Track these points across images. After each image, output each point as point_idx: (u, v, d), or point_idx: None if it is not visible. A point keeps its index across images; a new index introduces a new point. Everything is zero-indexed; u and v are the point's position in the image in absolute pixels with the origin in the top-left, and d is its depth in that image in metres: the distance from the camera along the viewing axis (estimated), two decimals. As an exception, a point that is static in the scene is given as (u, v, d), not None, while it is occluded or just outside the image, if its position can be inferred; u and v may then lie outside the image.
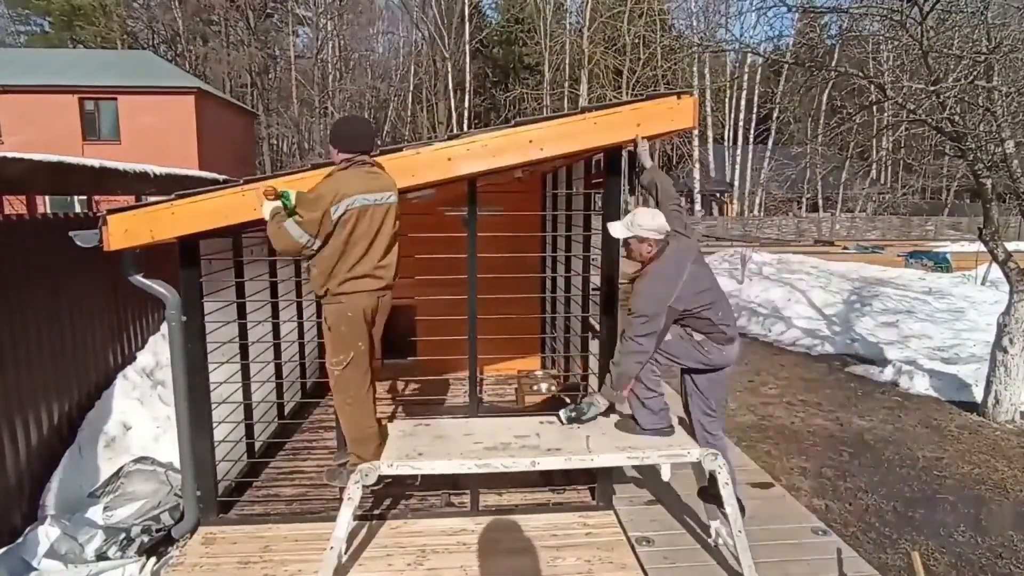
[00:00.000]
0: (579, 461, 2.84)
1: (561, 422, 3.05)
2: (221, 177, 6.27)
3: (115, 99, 20.55)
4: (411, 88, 36.41)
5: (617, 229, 2.82)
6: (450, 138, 2.98)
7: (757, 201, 30.70)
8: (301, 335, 5.04)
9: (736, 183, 30.91)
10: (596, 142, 3.03)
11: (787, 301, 9.89)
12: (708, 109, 30.65)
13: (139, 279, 2.92)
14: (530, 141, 2.96)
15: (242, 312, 3.68)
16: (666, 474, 3.11)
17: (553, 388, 4.87)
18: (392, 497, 3.60)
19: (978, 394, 5.87)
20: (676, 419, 3.09)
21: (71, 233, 2.81)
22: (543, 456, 2.80)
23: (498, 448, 2.86)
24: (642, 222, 2.73)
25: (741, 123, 31.39)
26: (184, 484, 3.16)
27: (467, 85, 32.54)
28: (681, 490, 3.61)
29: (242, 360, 3.70)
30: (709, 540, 3.13)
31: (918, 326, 8.12)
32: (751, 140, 31.66)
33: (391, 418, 4.07)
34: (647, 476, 3.86)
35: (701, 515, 3.23)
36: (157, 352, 4.67)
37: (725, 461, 2.78)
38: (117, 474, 3.50)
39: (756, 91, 31.51)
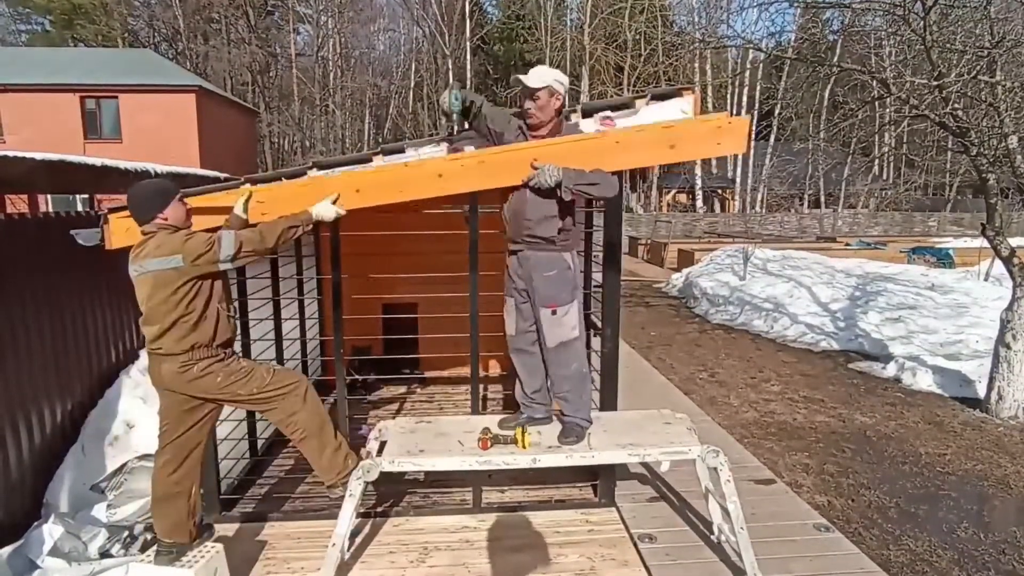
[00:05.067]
0: (580, 458, 2.85)
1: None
2: (222, 175, 6.26)
3: (116, 97, 20.58)
4: (412, 85, 36.36)
5: (534, 79, 2.66)
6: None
7: (759, 197, 30.57)
8: (303, 334, 5.05)
9: (738, 179, 30.79)
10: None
11: (790, 297, 9.86)
12: (710, 106, 30.48)
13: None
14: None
15: (243, 311, 3.68)
16: (664, 467, 3.11)
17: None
18: (395, 495, 3.61)
19: (981, 390, 5.86)
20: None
21: (72, 232, 2.82)
22: (544, 453, 2.80)
23: (500, 445, 2.86)
24: (559, 77, 2.71)
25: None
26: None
27: (468, 82, 32.49)
28: (684, 487, 3.62)
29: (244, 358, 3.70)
30: (712, 537, 3.12)
31: (922, 322, 8.10)
32: (753, 136, 31.51)
33: (395, 417, 4.07)
34: (650, 473, 3.87)
35: (704, 512, 3.23)
36: (159, 350, 4.65)
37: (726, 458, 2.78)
38: (121, 469, 3.50)
39: (758, 87, 31.34)
